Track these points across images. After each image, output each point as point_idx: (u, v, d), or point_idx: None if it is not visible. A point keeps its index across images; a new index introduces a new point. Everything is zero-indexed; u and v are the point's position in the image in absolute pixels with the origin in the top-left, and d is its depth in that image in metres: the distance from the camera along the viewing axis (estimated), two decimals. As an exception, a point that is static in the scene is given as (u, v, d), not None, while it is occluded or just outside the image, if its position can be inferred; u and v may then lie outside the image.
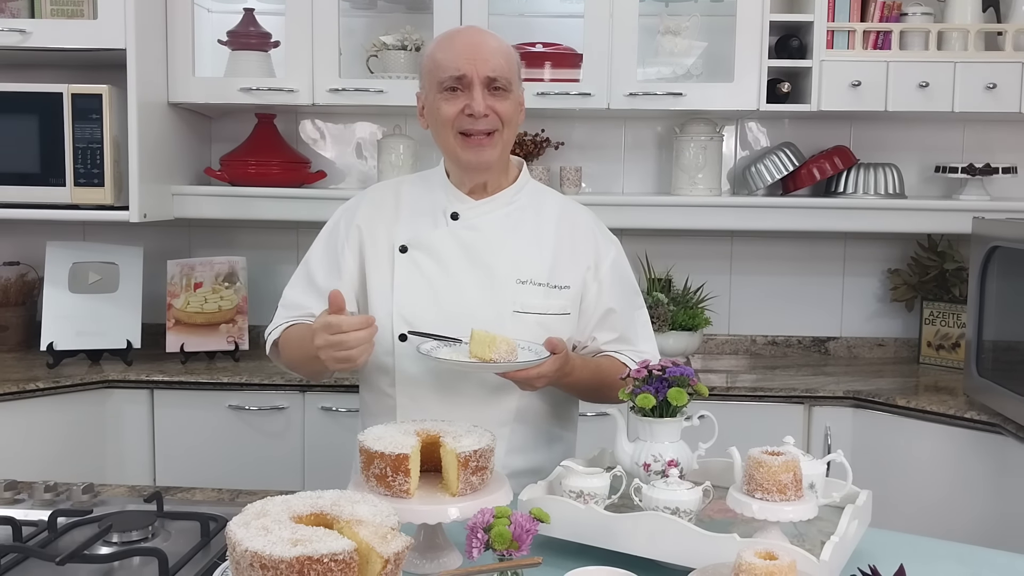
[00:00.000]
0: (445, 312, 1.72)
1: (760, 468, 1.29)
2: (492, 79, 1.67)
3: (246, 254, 3.13)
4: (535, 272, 1.74)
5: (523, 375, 1.59)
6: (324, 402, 2.74)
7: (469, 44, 1.69)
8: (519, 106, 1.76)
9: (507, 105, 1.70)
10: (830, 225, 2.98)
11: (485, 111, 1.66)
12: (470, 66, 1.66)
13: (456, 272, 1.74)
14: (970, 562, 1.41)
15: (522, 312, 1.72)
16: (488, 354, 1.56)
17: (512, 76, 1.71)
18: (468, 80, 1.66)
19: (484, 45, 1.69)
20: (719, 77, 2.96)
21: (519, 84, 1.76)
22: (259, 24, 3.04)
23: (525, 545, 1.18)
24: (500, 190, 1.79)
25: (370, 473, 1.31)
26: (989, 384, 2.48)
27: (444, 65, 1.68)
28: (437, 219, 1.77)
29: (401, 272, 1.75)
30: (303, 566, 0.96)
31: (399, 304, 1.73)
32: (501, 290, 1.73)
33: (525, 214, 1.79)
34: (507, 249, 1.75)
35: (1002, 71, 2.82)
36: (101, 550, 1.35)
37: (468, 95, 1.67)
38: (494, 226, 1.76)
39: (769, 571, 1.07)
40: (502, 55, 1.70)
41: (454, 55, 1.68)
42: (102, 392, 2.74)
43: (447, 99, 1.68)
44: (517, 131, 1.81)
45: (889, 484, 2.57)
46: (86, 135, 2.72)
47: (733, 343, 3.29)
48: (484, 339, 1.56)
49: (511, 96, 1.71)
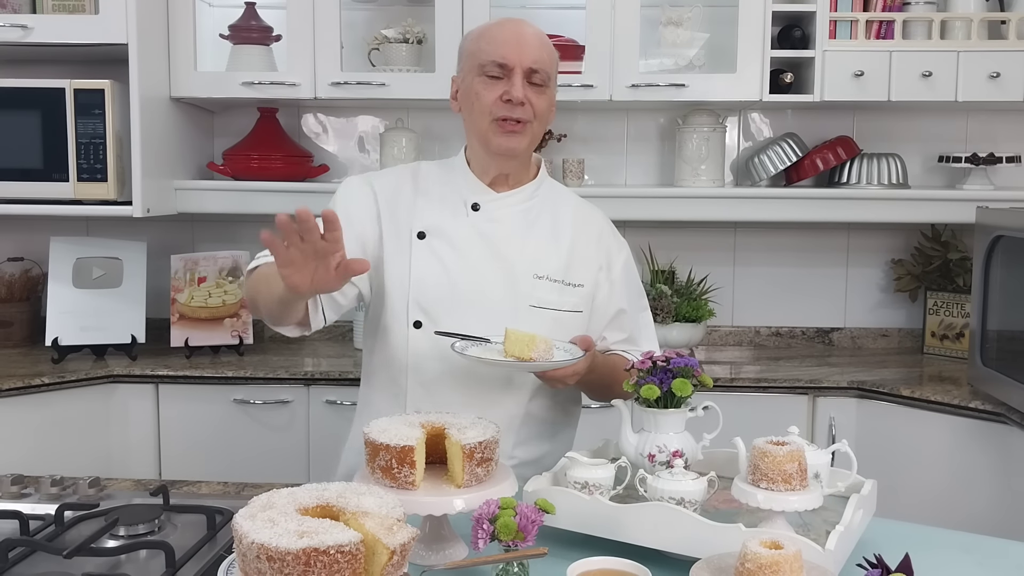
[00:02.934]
0: (461, 302, 1.71)
1: (765, 458, 1.29)
2: (534, 71, 1.68)
3: (249, 248, 3.13)
4: (552, 268, 1.74)
5: (560, 374, 1.60)
6: (329, 395, 2.74)
7: (516, 33, 1.71)
8: (552, 105, 1.76)
9: (543, 100, 1.70)
10: (833, 216, 2.98)
11: (523, 99, 1.67)
12: (515, 54, 1.67)
13: (475, 263, 1.73)
14: (975, 551, 1.41)
15: (538, 307, 1.72)
16: (527, 353, 1.55)
17: (551, 72, 1.72)
18: (510, 68, 1.67)
19: (532, 36, 1.71)
20: (721, 68, 2.96)
21: (555, 84, 1.76)
22: (260, 18, 3.04)
23: (531, 536, 1.18)
24: (520, 184, 1.79)
25: (375, 465, 1.31)
26: (993, 374, 2.48)
27: (488, 50, 1.69)
28: (457, 208, 1.76)
29: (419, 258, 1.73)
30: (309, 558, 0.96)
31: (415, 291, 1.72)
32: (519, 284, 1.72)
33: (543, 211, 1.79)
34: (526, 244, 1.75)
35: (1005, 60, 2.81)
36: (108, 543, 1.35)
37: (508, 82, 1.67)
38: (514, 220, 1.76)
39: (774, 561, 1.07)
40: (546, 50, 1.71)
41: (501, 41, 1.69)
42: (107, 387, 2.74)
43: (486, 84, 1.69)
44: (546, 128, 1.81)
45: (894, 474, 2.57)
46: (89, 130, 2.72)
47: (737, 334, 3.29)
48: (522, 338, 1.55)
49: (547, 92, 1.72)
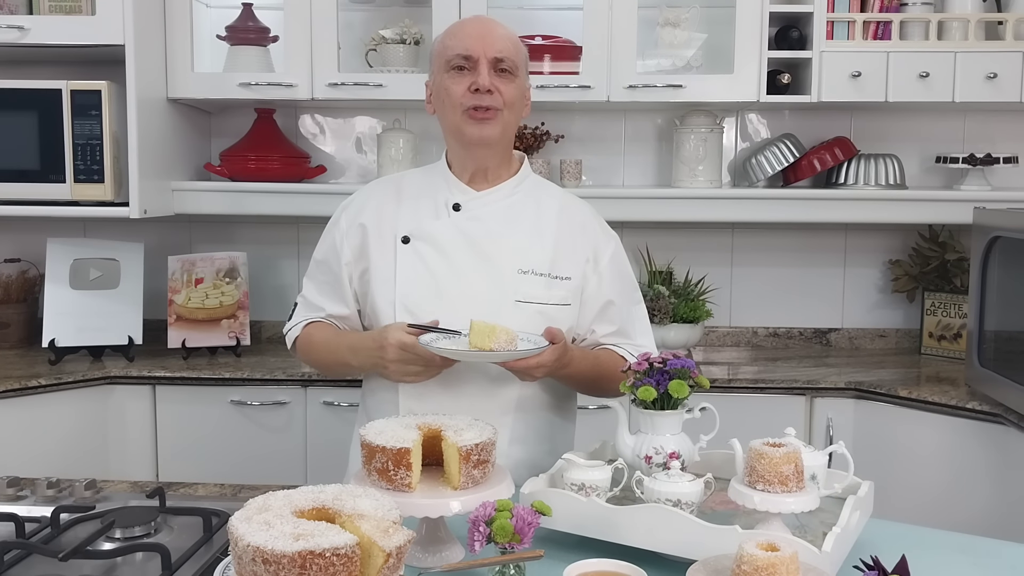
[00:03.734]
0: (448, 302, 1.72)
1: (762, 460, 1.29)
2: (499, 59, 1.71)
3: (247, 249, 3.13)
4: (536, 263, 1.75)
5: (522, 365, 1.60)
6: (326, 396, 2.74)
7: (478, 26, 1.76)
8: (524, 95, 1.79)
9: (511, 88, 1.73)
10: (831, 216, 2.98)
11: (490, 87, 1.69)
12: (478, 46, 1.70)
13: (458, 262, 1.75)
14: (972, 552, 1.41)
15: (524, 302, 1.73)
16: (488, 344, 1.56)
17: (518, 62, 1.75)
18: (475, 59, 1.70)
19: (493, 28, 1.75)
20: (719, 69, 2.96)
21: (525, 75, 1.79)
22: (257, 19, 3.04)
23: (527, 538, 1.18)
24: (501, 181, 1.80)
25: (372, 467, 1.31)
26: (991, 374, 2.48)
27: (452, 45, 1.73)
28: (439, 210, 1.79)
29: (404, 262, 1.76)
30: (305, 560, 0.96)
31: (402, 294, 1.75)
32: (503, 280, 1.74)
33: (526, 206, 1.80)
34: (509, 239, 1.76)
35: (1002, 61, 2.81)
36: (104, 546, 1.35)
37: (474, 73, 1.70)
38: (496, 217, 1.78)
39: (771, 563, 1.07)
40: (510, 41, 1.75)
41: (464, 35, 1.73)
42: (104, 388, 2.74)
43: (454, 78, 1.72)
44: (520, 120, 1.83)
45: (891, 475, 2.57)
46: (85, 131, 2.71)
47: (734, 335, 3.29)
48: (484, 329, 1.57)
49: (516, 81, 1.74)
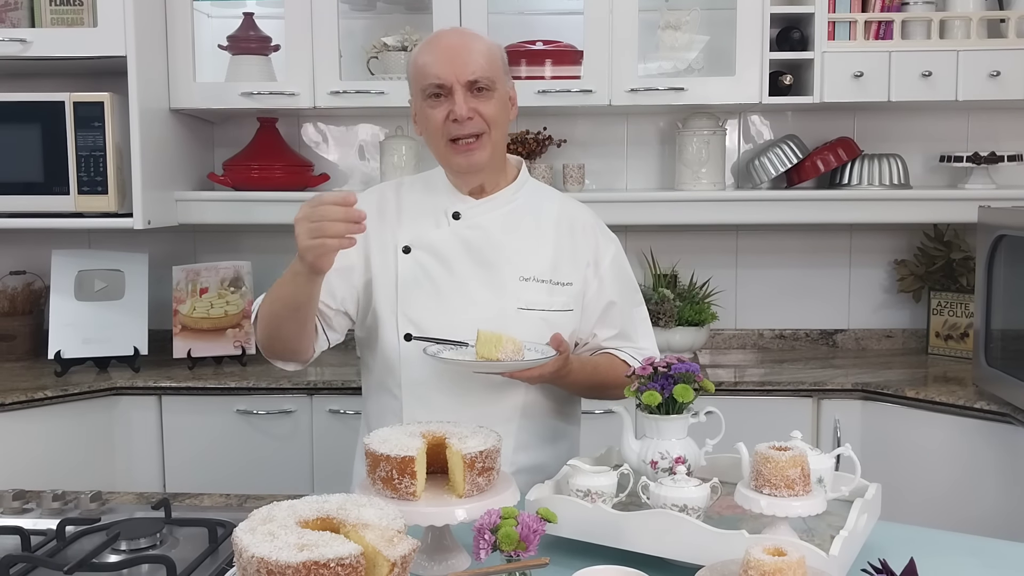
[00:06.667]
0: (450, 311, 1.72)
1: (767, 464, 1.28)
2: (473, 82, 1.67)
3: (251, 258, 3.13)
4: (538, 269, 1.75)
5: (527, 374, 1.60)
6: (332, 404, 2.74)
7: (448, 48, 1.69)
8: (506, 103, 1.75)
9: (491, 106, 1.69)
10: (835, 217, 2.97)
11: (469, 114, 1.66)
12: (449, 72, 1.66)
13: (460, 271, 1.75)
14: (981, 554, 1.41)
15: (526, 309, 1.73)
16: (494, 354, 1.57)
17: (495, 74, 1.70)
18: (448, 87, 1.66)
19: (463, 48, 1.69)
20: (720, 71, 2.95)
21: (506, 80, 1.75)
22: (259, 28, 3.04)
23: (533, 545, 1.18)
24: (499, 189, 1.79)
25: (376, 476, 1.30)
26: (998, 374, 2.46)
27: (425, 72, 1.69)
28: (439, 219, 1.78)
29: (405, 272, 1.76)
30: (309, 571, 0.96)
31: (404, 304, 1.74)
32: (505, 288, 1.74)
33: (526, 212, 1.80)
34: (509, 247, 1.76)
35: (1005, 58, 2.80)
36: (109, 558, 1.35)
37: (451, 101, 1.67)
38: (496, 225, 1.77)
39: (778, 567, 1.06)
40: (482, 55, 1.69)
41: (433, 61, 1.68)
42: (110, 399, 2.74)
43: (432, 106, 1.69)
44: (508, 128, 1.80)
45: (899, 476, 2.56)
46: (89, 143, 2.72)
47: (740, 337, 3.28)
48: (490, 339, 1.57)
49: (495, 95, 1.70)
